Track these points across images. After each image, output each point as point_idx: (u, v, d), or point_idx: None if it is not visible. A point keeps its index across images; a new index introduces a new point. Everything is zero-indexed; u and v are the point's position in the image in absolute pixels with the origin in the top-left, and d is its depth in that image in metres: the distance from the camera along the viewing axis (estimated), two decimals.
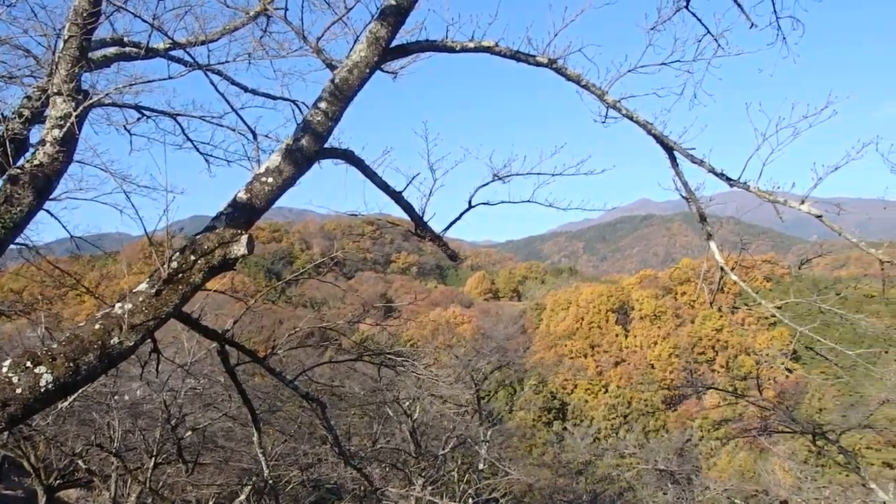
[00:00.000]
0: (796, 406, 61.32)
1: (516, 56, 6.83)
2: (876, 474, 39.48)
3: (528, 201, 7.83)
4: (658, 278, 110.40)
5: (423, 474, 18.46)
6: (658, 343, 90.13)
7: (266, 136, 9.26)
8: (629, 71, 7.05)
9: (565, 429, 43.90)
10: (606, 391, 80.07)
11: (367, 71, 6.29)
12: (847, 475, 27.32)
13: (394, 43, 6.53)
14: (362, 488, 14.90)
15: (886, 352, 46.18)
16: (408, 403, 19.07)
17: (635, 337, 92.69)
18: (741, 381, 79.48)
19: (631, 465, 25.73)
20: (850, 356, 7.79)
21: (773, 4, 7.39)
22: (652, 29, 7.15)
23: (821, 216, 6.41)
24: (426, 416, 20.34)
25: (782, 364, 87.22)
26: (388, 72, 7.99)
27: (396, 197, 7.19)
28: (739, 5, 7.46)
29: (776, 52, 7.74)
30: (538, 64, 6.87)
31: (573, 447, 28.48)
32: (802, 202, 6.46)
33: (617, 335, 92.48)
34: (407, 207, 7.32)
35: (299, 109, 8.60)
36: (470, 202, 7.76)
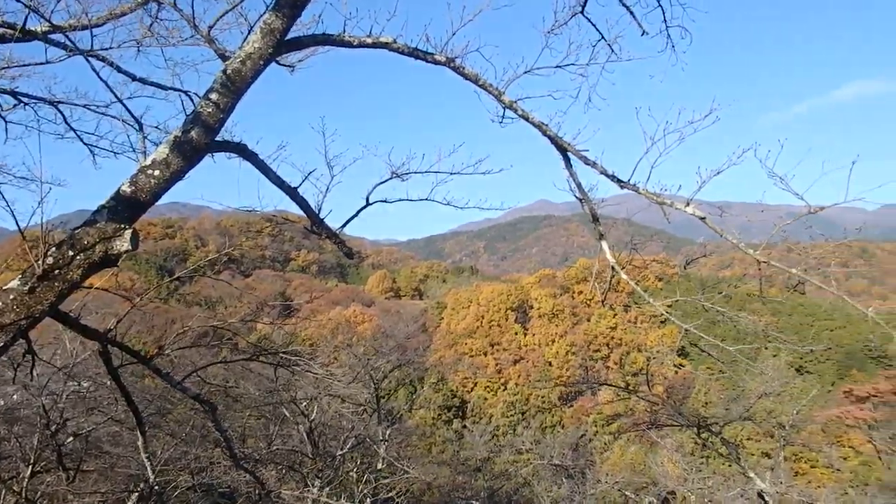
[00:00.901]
0: (684, 401, 64.13)
1: (414, 53, 6.80)
2: (755, 464, 41.90)
3: (427, 199, 7.84)
4: (556, 277, 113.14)
5: (320, 475, 18.23)
6: (555, 341, 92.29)
7: (156, 127, 8.84)
8: (525, 72, 7.15)
9: (465, 426, 44.35)
10: (505, 389, 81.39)
11: (262, 63, 6.12)
12: (729, 466, 28.76)
13: (289, 35, 6.38)
14: (256, 491, 14.54)
15: (766, 348, 49.04)
16: (305, 404, 18.78)
17: (534, 335, 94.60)
18: (633, 377, 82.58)
19: (527, 461, 26.26)
20: (731, 352, 8.17)
21: (664, 14, 7.66)
22: (549, 32, 7.27)
23: (704, 218, 6.70)
24: (324, 416, 20.11)
25: (671, 361, 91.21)
26: (284, 65, 7.83)
27: (292, 193, 7.04)
28: (632, 13, 7.70)
29: (666, 59, 8.01)
30: (436, 62, 6.87)
31: (472, 445, 28.80)
32: (687, 204, 6.73)
33: (516, 333, 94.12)
34: (302, 204, 7.19)
35: (191, 100, 8.26)
36: (367, 199, 7.71)
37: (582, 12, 7.45)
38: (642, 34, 7.89)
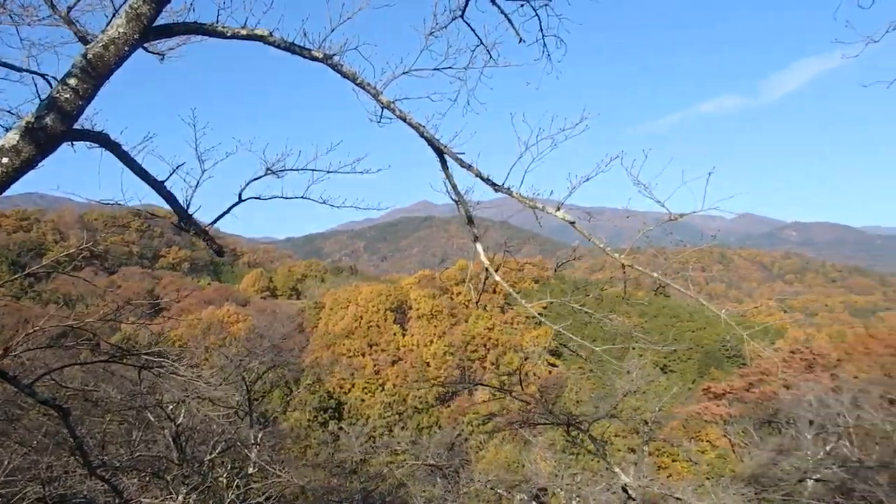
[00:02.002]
0: (556, 400, 66.16)
1: (291, 48, 6.64)
2: (621, 459, 43.76)
3: (302, 198, 7.70)
4: (435, 278, 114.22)
5: (186, 482, 17.51)
6: (434, 341, 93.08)
7: (8, 111, 8.19)
8: (404, 73, 7.14)
9: (341, 428, 43.84)
10: (383, 389, 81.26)
11: (126, 49, 5.78)
12: (597, 461, 29.82)
13: (159, 22, 6.08)
14: (116, 501, 13.74)
15: (634, 348, 51.35)
16: (172, 407, 17.99)
17: (412, 336, 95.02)
18: (508, 377, 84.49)
19: (403, 462, 26.31)
20: (597, 351, 8.47)
21: (540, 23, 7.82)
22: (429, 35, 7.28)
23: (573, 222, 6.92)
24: (192, 420, 19.34)
25: (544, 361, 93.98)
26: (153, 52, 7.48)
27: (158, 186, 6.73)
28: (510, 21, 7.82)
29: (542, 67, 8.18)
30: (313, 58, 6.73)
31: (348, 446, 28.54)
32: (558, 209, 6.93)
33: (395, 334, 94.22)
34: (169, 198, 6.88)
35: (49, 84, 7.71)
36: (240, 196, 7.48)
37: (462, 17, 7.50)
38: (519, 42, 8.03)
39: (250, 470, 22.11)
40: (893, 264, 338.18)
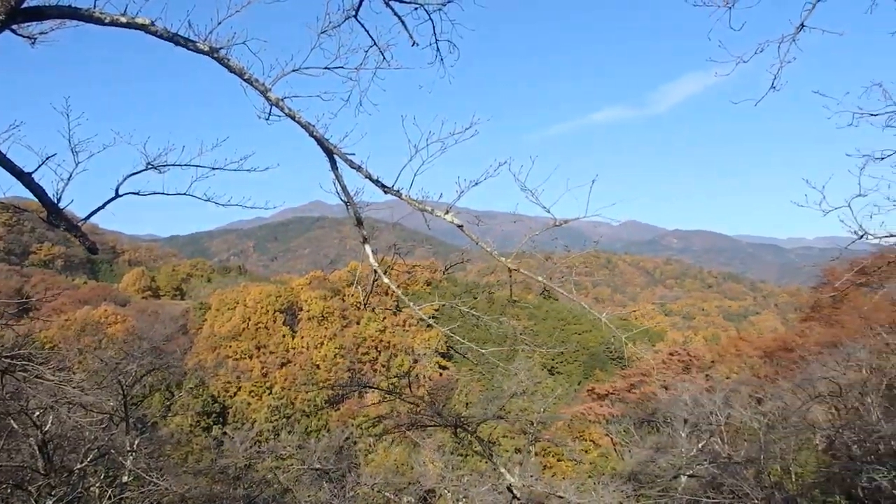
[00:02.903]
0: (446, 401, 66.68)
1: (174, 39, 6.35)
2: (508, 459, 44.61)
3: (185, 194, 7.42)
4: (327, 280, 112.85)
5: (52, 492, 16.48)
6: (324, 343, 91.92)
7: None
8: (294, 70, 6.99)
9: (225, 433, 42.51)
10: (270, 392, 79.45)
11: None
12: (485, 462, 30.28)
13: (28, 3, 5.68)
14: None
15: (524, 350, 52.45)
16: (38, 414, 16.88)
17: (302, 338, 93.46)
18: (399, 379, 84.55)
19: (289, 467, 25.80)
20: (485, 354, 8.57)
21: (434, 27, 7.82)
22: (322, 33, 7.15)
23: (461, 226, 6.97)
24: (62, 427, 18.22)
25: (435, 363, 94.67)
26: (23, 36, 6.99)
27: (24, 178, 6.30)
28: (403, 23, 7.78)
29: (435, 71, 8.18)
30: (199, 51, 6.47)
31: (232, 452, 27.68)
32: (447, 212, 6.95)
33: (284, 336, 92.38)
34: (37, 191, 6.45)
35: None
36: (117, 191, 7.14)
37: (355, 17, 7.41)
38: (413, 45, 8.00)
39: (125, 478, 21.09)
40: (763, 271, 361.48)
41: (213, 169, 7.45)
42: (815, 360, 33.71)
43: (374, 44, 7.57)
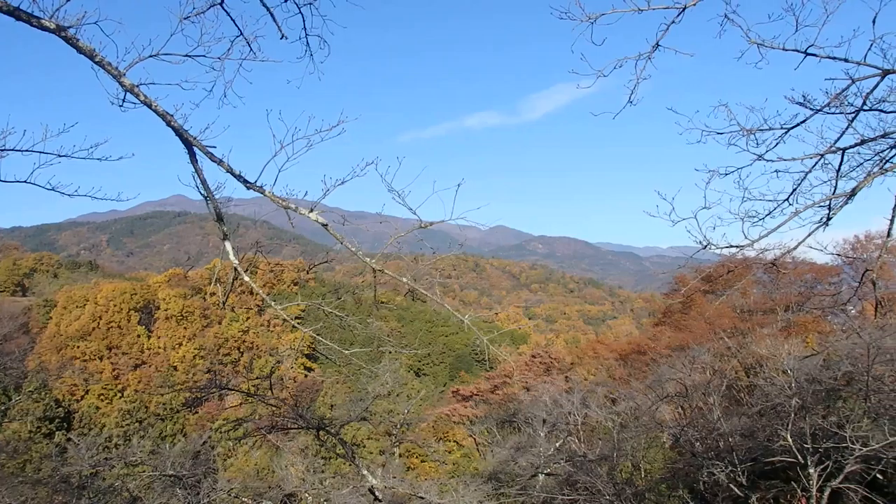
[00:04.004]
0: (311, 404, 65.68)
1: (16, 14, 5.83)
2: (373, 461, 44.46)
3: (26, 182, 6.85)
4: (188, 277, 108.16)
5: None
6: (183, 344, 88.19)
7: None
8: (152, 56, 6.61)
9: (69, 439, 39.75)
10: (122, 396, 75.20)
11: None
12: (348, 465, 29.98)
13: None
14: None
15: (390, 352, 52.43)
16: None
17: (159, 338, 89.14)
18: (263, 381, 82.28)
19: (140, 474, 24.47)
20: (352, 355, 8.45)
21: (304, 21, 7.62)
22: (185, 18, 6.81)
23: (326, 225, 6.83)
24: None
25: (300, 364, 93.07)
26: None
27: None
28: (272, 15, 7.54)
29: (304, 66, 7.98)
30: (44, 28, 5.98)
31: (76, 459, 25.92)
32: (311, 210, 6.79)
33: (139, 336, 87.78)
34: None
35: None
36: None
37: (221, 5, 7.10)
38: (282, 38, 7.77)
39: None
40: (621, 278, 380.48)
41: (59, 156, 6.93)
42: (664, 362, 35.70)
43: (241, 34, 7.30)
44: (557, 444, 34.22)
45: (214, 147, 6.88)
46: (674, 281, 51.63)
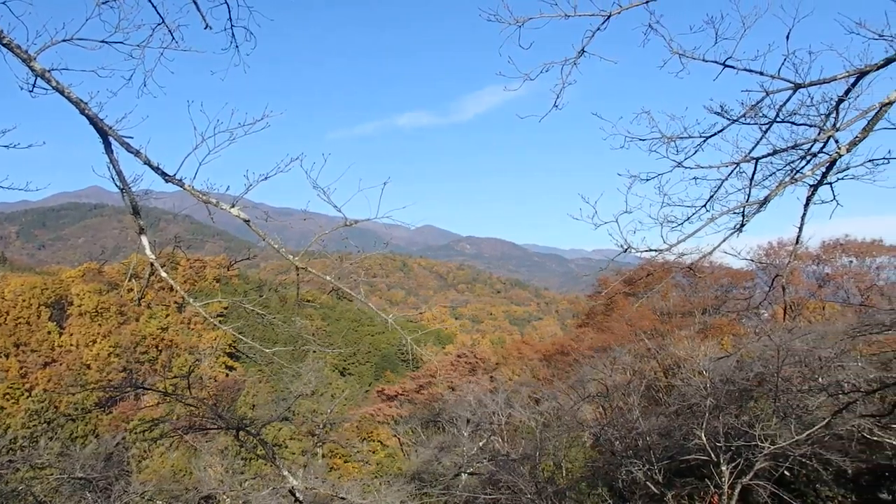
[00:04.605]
0: (232, 403, 64.39)
1: None
2: (295, 462, 43.82)
3: None
4: (103, 272, 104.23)
5: None
6: (98, 341, 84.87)
7: None
8: (65, 40, 6.30)
9: None
10: (29, 395, 71.84)
11: None
12: (269, 466, 29.47)
13: None
14: None
15: (315, 351, 51.85)
16: None
17: (72, 335, 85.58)
18: (181, 380, 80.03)
19: (47, 476, 23.42)
20: (268, 353, 8.27)
21: (229, 12, 7.41)
22: (104, 3, 6.52)
23: (248, 221, 6.66)
24: None
25: (221, 363, 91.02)
26: None
27: None
28: (196, 4, 7.31)
29: (230, 58, 7.75)
30: None
31: None
32: (233, 206, 6.61)
33: (50, 332, 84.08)
34: None
35: None
36: None
37: None
38: (206, 27, 7.52)
39: None
40: (546, 279, 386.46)
41: None
42: (587, 363, 36.44)
43: (162, 21, 7.03)
44: (481, 444, 34.48)
45: (131, 137, 6.62)
46: (597, 283, 52.73)
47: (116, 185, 6.98)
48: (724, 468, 20.51)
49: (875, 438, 20.26)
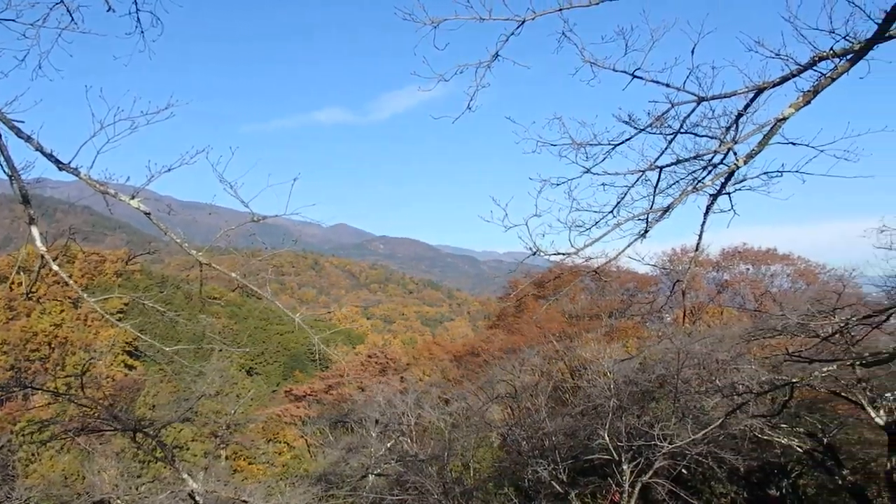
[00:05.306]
0: (131, 404, 61.90)
1: None
2: (194, 464, 42.50)
3: None
4: None
5: None
6: None
7: None
8: None
9: None
10: None
11: None
12: (168, 468, 28.52)
13: None
14: None
15: (221, 350, 50.41)
16: None
17: None
18: (75, 378, 76.30)
19: None
20: (167, 351, 7.96)
21: None
22: None
23: (149, 213, 6.37)
24: None
25: (119, 361, 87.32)
26: None
27: None
28: None
29: (134, 43, 7.42)
30: None
31: None
32: (133, 197, 6.32)
33: None
34: None
35: None
36: None
37: None
38: (108, 10, 7.16)
39: None
40: (459, 280, 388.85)
41: None
42: (497, 364, 36.86)
43: (61, 0, 6.67)
44: (389, 445, 34.35)
45: (23, 122, 6.26)
46: (508, 285, 53.45)
47: (4, 172, 6.58)
48: (625, 467, 21.10)
49: (765, 438, 21.34)
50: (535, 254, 6.74)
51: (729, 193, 7.05)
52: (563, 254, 6.88)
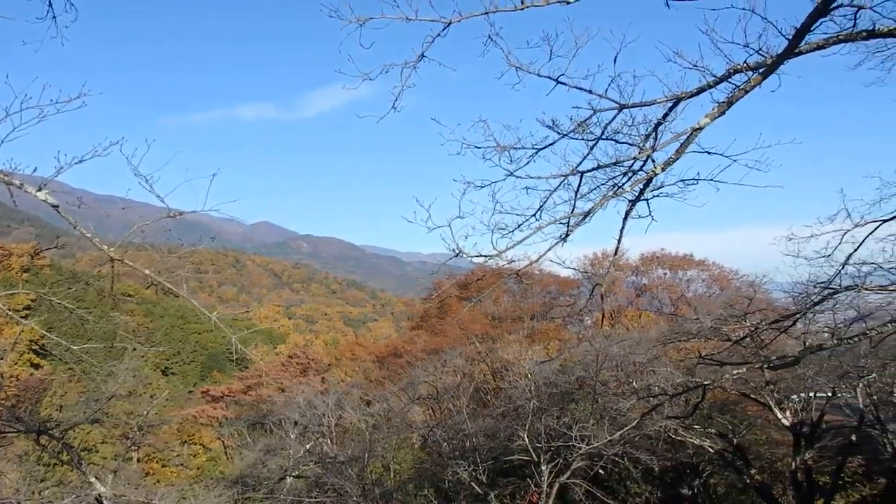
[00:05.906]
0: (36, 404, 59.27)
1: None
2: (104, 467, 40.96)
3: None
4: None
5: None
6: None
7: None
8: None
9: None
10: None
11: None
12: (75, 471, 27.41)
13: None
14: None
15: (134, 348, 48.70)
16: None
17: None
18: None
19: None
20: (75, 350, 7.63)
21: None
22: None
23: (57, 206, 6.10)
24: None
25: (24, 360, 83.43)
26: None
27: None
28: None
29: (46, 28, 7.05)
30: None
31: None
32: (40, 189, 6.03)
33: None
34: None
35: None
36: None
37: None
38: None
39: None
40: (383, 280, 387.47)
41: None
42: (419, 365, 36.82)
43: None
44: (308, 446, 33.89)
45: None
46: (432, 286, 53.52)
47: None
48: (544, 468, 21.41)
49: (679, 438, 22.02)
50: (458, 255, 6.74)
51: (647, 199, 7.23)
52: (486, 256, 6.91)
